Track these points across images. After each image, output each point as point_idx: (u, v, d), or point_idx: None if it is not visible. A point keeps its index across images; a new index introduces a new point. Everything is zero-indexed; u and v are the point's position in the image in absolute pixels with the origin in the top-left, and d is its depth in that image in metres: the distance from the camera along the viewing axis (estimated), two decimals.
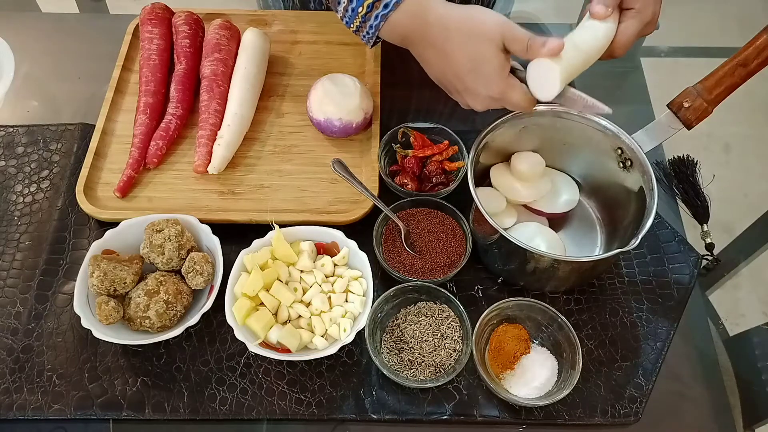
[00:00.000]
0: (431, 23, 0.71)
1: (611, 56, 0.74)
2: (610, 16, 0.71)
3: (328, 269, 0.78)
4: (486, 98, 0.72)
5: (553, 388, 0.73)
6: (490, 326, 0.77)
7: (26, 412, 0.72)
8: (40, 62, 1.03)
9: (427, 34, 0.72)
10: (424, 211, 0.84)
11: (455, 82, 0.73)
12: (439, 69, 0.74)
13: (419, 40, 0.74)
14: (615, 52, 0.74)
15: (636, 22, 0.73)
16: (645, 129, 0.77)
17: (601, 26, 0.71)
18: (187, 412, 0.72)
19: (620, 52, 0.74)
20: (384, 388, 0.74)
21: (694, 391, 0.76)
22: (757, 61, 0.71)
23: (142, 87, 0.92)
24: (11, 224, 0.85)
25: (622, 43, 0.73)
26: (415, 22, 0.72)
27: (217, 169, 0.86)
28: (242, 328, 0.73)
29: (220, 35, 0.94)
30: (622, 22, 0.73)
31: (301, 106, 0.94)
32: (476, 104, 0.74)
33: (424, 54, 0.75)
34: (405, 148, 0.88)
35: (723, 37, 2.23)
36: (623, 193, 0.80)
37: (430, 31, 0.72)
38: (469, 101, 0.74)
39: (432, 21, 0.71)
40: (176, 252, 0.76)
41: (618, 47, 0.73)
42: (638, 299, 0.81)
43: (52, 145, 0.92)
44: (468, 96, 0.74)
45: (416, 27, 0.73)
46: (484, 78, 0.70)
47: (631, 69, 1.06)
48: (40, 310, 0.79)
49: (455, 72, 0.72)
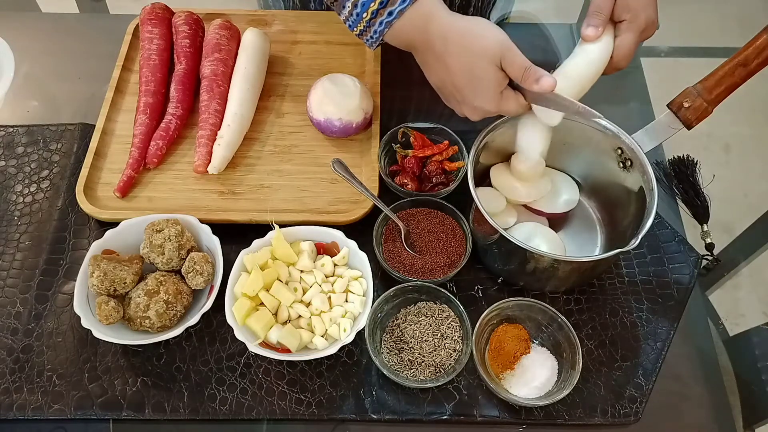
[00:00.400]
0: (433, 33, 0.72)
1: (616, 69, 0.76)
2: (602, 35, 0.74)
3: (328, 269, 0.78)
4: (482, 111, 0.75)
5: (553, 388, 0.73)
6: (490, 326, 0.77)
7: (26, 412, 0.72)
8: (40, 62, 1.03)
9: (428, 43, 0.73)
10: (424, 211, 0.84)
11: (453, 92, 0.75)
12: (439, 77, 0.76)
13: (422, 48, 0.75)
14: (618, 64, 0.76)
15: (631, 32, 0.75)
16: (645, 129, 0.77)
17: (594, 48, 0.74)
18: (187, 412, 0.72)
19: (624, 64, 0.76)
20: (384, 388, 0.74)
21: (694, 391, 0.76)
22: (757, 61, 0.71)
23: (142, 87, 0.92)
24: (11, 224, 0.85)
25: (623, 55, 0.75)
26: (417, 31, 0.73)
27: (217, 169, 0.86)
28: (242, 328, 0.73)
29: (220, 35, 0.94)
30: (618, 36, 0.75)
31: (301, 106, 0.94)
32: (473, 116, 0.76)
33: (426, 61, 0.76)
34: (405, 148, 0.88)
35: (723, 37, 2.23)
36: (623, 193, 0.80)
37: (431, 41, 0.73)
38: (466, 112, 0.76)
39: (433, 31, 0.72)
40: (176, 252, 0.76)
41: (619, 59, 0.75)
42: (638, 299, 0.81)
43: (52, 145, 0.92)
44: (465, 107, 0.75)
45: (419, 35, 0.74)
46: (480, 92, 0.72)
47: (631, 69, 1.05)
48: (40, 310, 0.79)
49: (453, 83, 0.74)
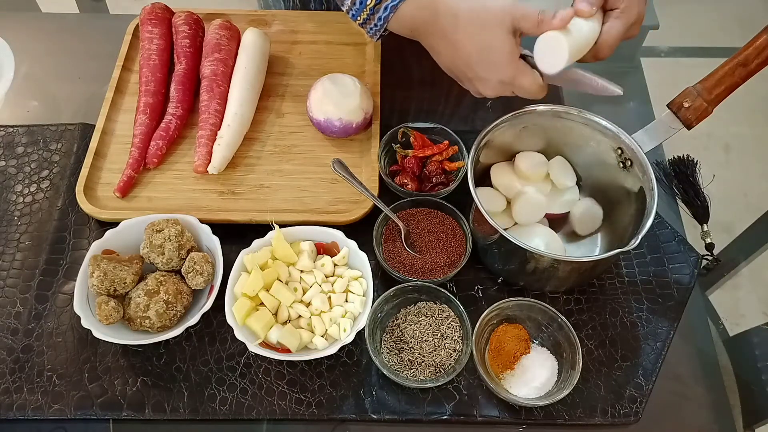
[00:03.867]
0: (441, 13, 0.72)
1: (596, 58, 0.74)
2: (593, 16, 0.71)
3: (328, 269, 0.78)
4: (497, 84, 0.73)
5: (553, 388, 0.73)
6: (490, 326, 0.77)
7: (26, 412, 0.72)
8: (40, 62, 1.03)
9: (436, 24, 0.73)
10: (424, 211, 0.84)
11: (466, 71, 0.74)
12: (450, 59, 0.75)
13: (429, 31, 0.74)
14: (600, 52, 0.73)
15: (620, 22, 0.72)
16: (645, 129, 0.77)
17: (585, 25, 0.71)
18: (187, 412, 0.72)
19: (605, 53, 0.73)
20: (384, 388, 0.74)
21: (694, 391, 0.76)
22: (757, 61, 0.71)
23: (142, 87, 0.92)
24: (11, 224, 0.85)
25: (608, 44, 0.73)
26: (424, 13, 0.73)
27: (217, 169, 0.86)
28: (242, 328, 0.73)
29: (220, 35, 0.94)
30: (606, 23, 0.73)
31: (301, 106, 0.94)
32: (487, 90, 0.74)
33: (434, 44, 0.75)
34: (405, 148, 0.88)
35: (723, 37, 2.23)
36: (623, 193, 0.80)
37: (440, 22, 0.72)
38: (480, 88, 0.75)
39: (441, 11, 0.72)
40: (176, 252, 0.76)
41: (603, 48, 0.73)
42: (638, 299, 0.81)
43: (52, 145, 0.92)
44: (479, 83, 0.74)
45: (425, 17, 0.73)
46: (494, 64, 0.71)
47: (631, 69, 1.06)
48: (40, 310, 0.79)
49: (465, 61, 0.73)
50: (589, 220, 0.83)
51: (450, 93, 0.98)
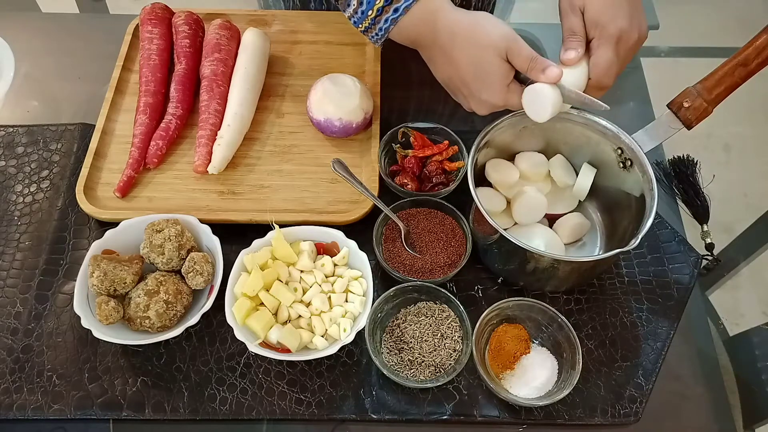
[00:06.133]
0: (439, 29, 0.73)
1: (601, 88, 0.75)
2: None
3: (328, 269, 0.78)
4: (489, 105, 0.74)
5: (553, 388, 0.73)
6: (490, 326, 0.77)
7: (26, 412, 0.72)
8: (40, 62, 1.03)
9: (435, 39, 0.74)
10: (424, 211, 0.84)
11: (461, 87, 0.75)
12: (446, 73, 0.76)
13: (428, 44, 0.75)
14: (601, 82, 0.74)
15: (603, 46, 0.73)
16: (645, 129, 0.77)
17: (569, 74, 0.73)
18: (187, 412, 0.72)
19: (606, 81, 0.74)
20: (384, 388, 0.74)
21: (694, 391, 0.76)
22: (757, 61, 0.71)
23: (142, 87, 0.92)
24: (11, 224, 0.85)
25: (603, 72, 0.73)
26: (424, 27, 0.74)
27: (217, 169, 0.86)
28: (242, 328, 0.73)
29: (220, 35, 0.94)
30: (593, 55, 0.74)
31: (301, 106, 0.94)
32: (480, 110, 0.76)
33: (433, 57, 0.76)
34: (405, 148, 0.88)
35: (723, 37, 2.23)
36: (623, 194, 0.80)
37: (438, 37, 0.73)
38: (473, 106, 0.76)
39: (440, 27, 0.73)
40: (176, 252, 0.76)
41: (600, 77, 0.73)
42: (638, 299, 0.81)
43: (52, 145, 0.92)
44: (472, 101, 0.75)
45: (425, 32, 0.74)
46: (487, 86, 0.72)
47: (631, 69, 1.06)
48: (40, 310, 0.79)
49: (461, 77, 0.74)
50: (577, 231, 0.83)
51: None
